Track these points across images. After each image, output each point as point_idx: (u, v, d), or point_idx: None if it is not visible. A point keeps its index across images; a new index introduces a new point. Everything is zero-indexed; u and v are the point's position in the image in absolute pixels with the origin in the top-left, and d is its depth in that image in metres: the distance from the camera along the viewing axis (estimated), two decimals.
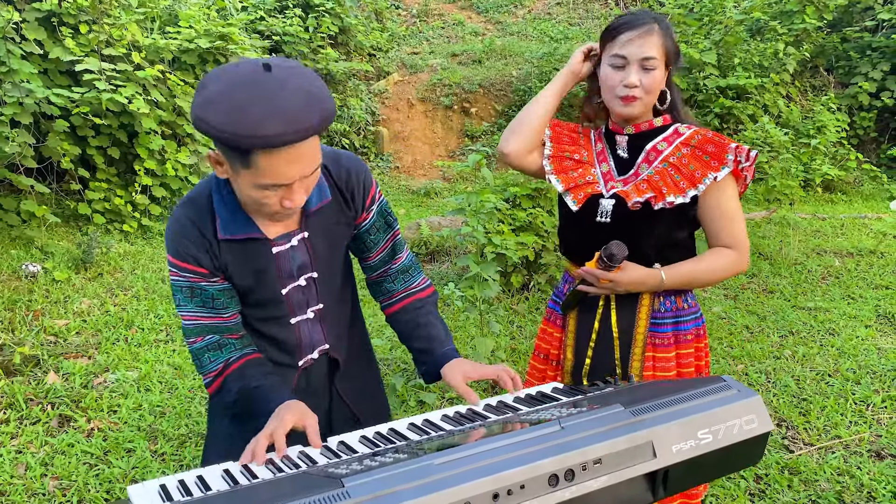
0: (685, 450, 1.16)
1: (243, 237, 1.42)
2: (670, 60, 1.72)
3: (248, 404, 1.43)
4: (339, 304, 1.65)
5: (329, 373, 1.67)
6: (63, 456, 2.87)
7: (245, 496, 1.01)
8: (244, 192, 1.30)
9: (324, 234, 1.53)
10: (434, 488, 0.96)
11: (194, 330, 1.46)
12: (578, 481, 1.06)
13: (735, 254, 1.72)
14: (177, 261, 1.41)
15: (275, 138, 1.17)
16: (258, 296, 1.50)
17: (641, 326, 1.76)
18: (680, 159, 1.71)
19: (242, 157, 1.21)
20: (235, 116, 1.16)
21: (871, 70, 9.04)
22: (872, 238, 6.28)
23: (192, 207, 1.41)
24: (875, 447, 2.97)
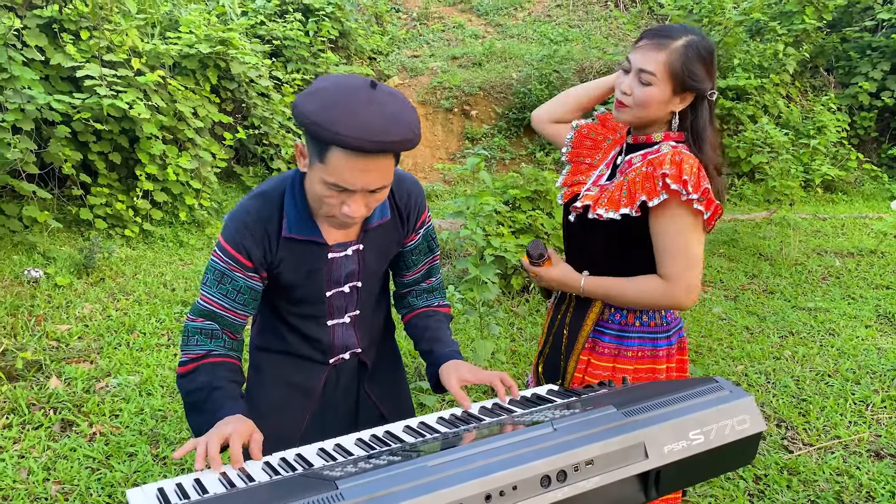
0: (677, 450, 1.18)
1: (305, 238, 1.50)
2: (680, 84, 1.64)
3: (202, 400, 1.47)
4: (375, 312, 1.75)
5: (358, 373, 1.75)
6: (65, 460, 2.89)
7: (241, 498, 1.02)
8: (313, 185, 1.37)
9: (376, 249, 1.62)
10: (427, 490, 0.97)
11: (202, 312, 1.52)
12: (570, 482, 1.07)
13: (665, 285, 1.65)
14: (229, 247, 1.48)
15: (350, 140, 1.25)
16: (302, 294, 1.58)
17: (585, 330, 1.82)
18: (636, 176, 1.67)
19: (321, 150, 1.31)
20: (325, 110, 1.26)
21: (871, 70, 9.05)
22: (873, 238, 6.28)
23: (263, 202, 1.50)
24: (874, 447, 2.98)
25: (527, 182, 4.99)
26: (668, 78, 1.63)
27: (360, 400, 1.76)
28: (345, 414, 1.75)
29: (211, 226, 6.29)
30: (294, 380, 1.68)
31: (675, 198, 1.60)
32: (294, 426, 1.68)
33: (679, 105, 1.69)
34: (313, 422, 1.69)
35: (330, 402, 1.72)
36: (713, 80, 1.68)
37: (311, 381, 1.69)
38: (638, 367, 1.78)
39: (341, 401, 1.72)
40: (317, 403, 1.70)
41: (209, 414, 1.41)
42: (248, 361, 1.80)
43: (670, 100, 1.67)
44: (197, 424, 1.48)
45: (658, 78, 1.63)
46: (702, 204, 1.60)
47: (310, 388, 1.69)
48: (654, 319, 1.79)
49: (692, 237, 1.63)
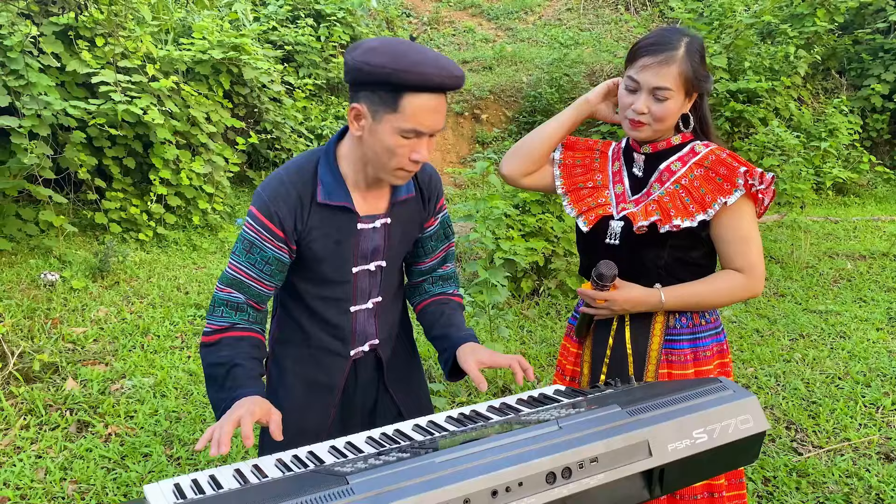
0: (680, 449, 1.20)
1: (338, 204, 1.54)
2: (691, 88, 1.68)
3: (222, 375, 1.50)
4: (394, 300, 1.78)
5: (377, 370, 1.78)
6: (81, 460, 2.94)
7: (255, 493, 1.05)
8: (384, 138, 1.43)
9: (403, 225, 1.67)
10: (435, 485, 1.00)
11: (230, 281, 1.56)
12: (575, 479, 1.10)
13: (744, 277, 1.69)
14: (261, 215, 1.52)
15: (431, 77, 1.36)
16: (330, 271, 1.61)
17: (655, 343, 1.76)
18: (692, 181, 1.69)
19: (394, 98, 1.39)
20: (398, 58, 1.36)
21: (883, 72, 9.01)
22: (885, 241, 6.26)
23: (298, 173, 1.55)
24: (884, 449, 2.98)
25: None
26: (681, 87, 1.66)
27: (378, 397, 1.79)
28: (363, 411, 1.78)
29: (224, 229, 6.36)
30: (316, 378, 1.71)
31: (746, 191, 1.65)
32: (320, 424, 1.71)
33: (688, 106, 1.72)
34: (338, 419, 1.73)
35: (351, 400, 1.76)
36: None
37: (333, 377, 1.72)
38: (714, 364, 1.79)
39: (361, 398, 1.76)
40: (339, 400, 1.73)
41: (227, 391, 1.46)
42: (269, 357, 1.81)
43: (682, 106, 1.70)
44: (215, 399, 1.52)
45: (673, 91, 1.65)
46: (766, 193, 1.66)
47: (332, 386, 1.72)
48: (713, 315, 1.81)
49: (755, 226, 1.70)
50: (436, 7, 12.85)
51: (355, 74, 1.40)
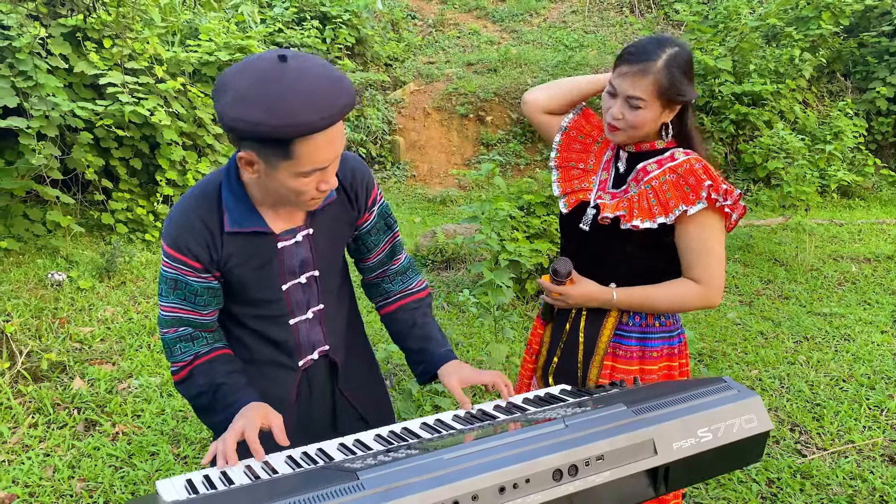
0: (685, 447, 1.21)
1: (250, 230, 1.45)
2: (668, 99, 1.70)
3: (209, 402, 1.47)
4: (338, 304, 1.68)
5: (330, 376, 1.69)
6: (89, 459, 2.96)
7: (266, 488, 1.07)
8: (284, 183, 1.33)
9: (327, 232, 1.56)
10: (444, 481, 1.01)
11: (170, 321, 1.49)
12: (581, 476, 1.11)
13: (700, 288, 1.72)
14: (172, 251, 1.43)
15: (316, 123, 1.23)
16: (257, 292, 1.52)
17: (605, 336, 1.84)
18: (661, 185, 1.73)
19: (283, 148, 1.26)
20: (272, 110, 1.20)
21: (888, 75, 8.99)
22: (890, 244, 6.26)
23: (200, 200, 1.44)
24: (889, 452, 2.99)
25: (541, 187, 5.03)
26: (656, 98, 1.69)
27: (336, 402, 1.71)
28: (323, 419, 1.70)
29: None
30: (266, 390, 1.57)
31: (710, 205, 1.67)
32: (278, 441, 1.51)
33: (669, 116, 1.75)
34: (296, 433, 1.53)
35: (307, 411, 1.67)
36: (693, 85, 1.75)
37: (283, 390, 1.62)
38: (661, 365, 1.84)
39: (318, 407, 1.68)
40: (293, 414, 1.62)
41: (222, 412, 1.43)
42: None
43: (660, 116, 1.73)
44: (213, 423, 1.50)
45: (647, 101, 1.68)
46: (735, 209, 1.69)
47: (283, 399, 1.61)
48: (669, 319, 1.85)
49: (720, 240, 1.72)
50: (441, 9, 12.88)
51: (233, 130, 1.26)
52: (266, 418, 1.36)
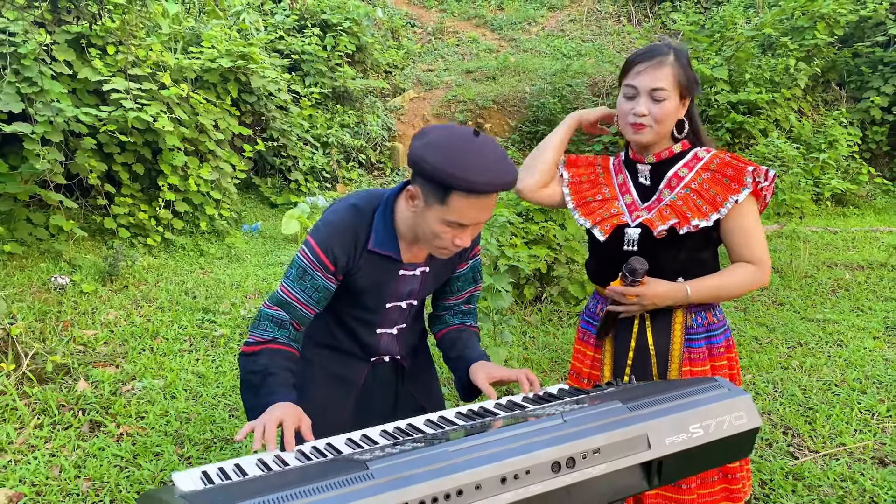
0: (678, 442, 1.27)
1: (385, 254, 1.69)
2: (685, 91, 1.79)
3: (258, 382, 1.62)
4: (415, 324, 1.95)
5: (395, 373, 1.94)
6: (95, 459, 3.01)
7: (279, 478, 1.13)
8: (429, 223, 1.55)
9: (436, 273, 1.81)
10: (449, 472, 1.08)
11: (279, 301, 1.69)
12: (579, 468, 1.17)
13: (756, 268, 1.80)
14: (318, 249, 1.65)
15: (481, 185, 1.44)
16: (368, 301, 1.76)
17: (677, 343, 1.85)
18: (701, 184, 1.80)
19: (443, 194, 1.48)
20: (452, 160, 1.44)
21: (882, 85, 9.11)
22: (884, 251, 6.33)
23: (357, 215, 1.68)
24: (879, 454, 3.05)
25: None
26: (675, 88, 1.78)
27: (398, 396, 1.94)
28: (384, 407, 1.91)
29: (230, 235, 6.44)
30: (338, 372, 1.86)
31: (753, 190, 1.77)
32: (340, 416, 1.84)
33: (682, 112, 1.83)
34: (357, 413, 1.86)
35: (370, 396, 1.90)
36: None
37: (353, 374, 1.87)
38: (728, 357, 1.91)
39: (381, 395, 1.90)
40: (358, 395, 1.87)
41: (261, 397, 1.57)
42: None
43: (677, 110, 1.81)
44: (250, 404, 1.65)
45: (669, 91, 1.77)
46: (768, 190, 1.79)
47: (351, 381, 1.86)
48: (721, 313, 1.92)
49: (759, 221, 1.82)
50: (440, 17, 12.98)
51: (413, 164, 1.50)
52: (300, 419, 1.48)
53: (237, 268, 5.82)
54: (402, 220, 1.67)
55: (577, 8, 13.27)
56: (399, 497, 1.02)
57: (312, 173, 8.22)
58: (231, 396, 3.63)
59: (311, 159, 8.09)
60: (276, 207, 7.88)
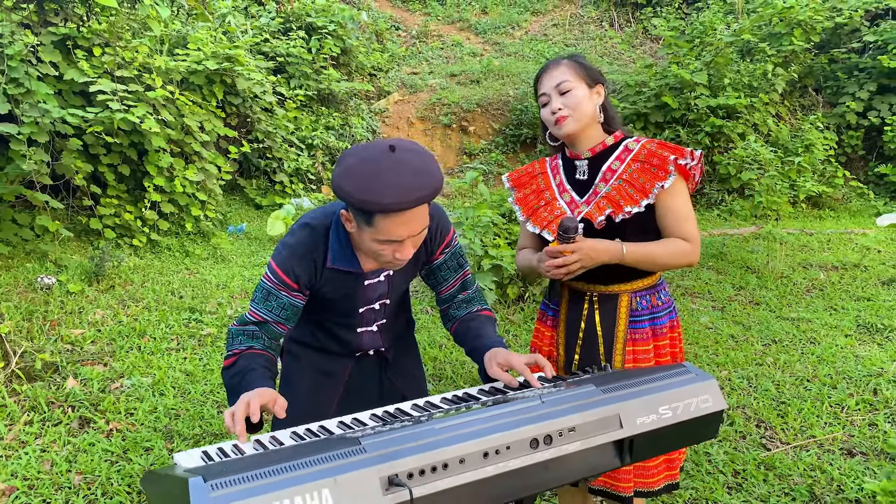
0: (648, 422, 1.37)
1: (345, 269, 1.75)
2: (589, 79, 1.95)
3: (237, 383, 1.68)
4: (398, 316, 2.00)
5: (379, 364, 2.01)
6: (85, 454, 3.06)
7: (275, 455, 1.21)
8: (365, 243, 1.61)
9: (403, 272, 1.87)
10: (435, 446, 1.16)
11: (249, 322, 1.76)
12: (555, 445, 1.26)
13: (688, 245, 1.93)
14: (279, 270, 1.72)
15: (390, 206, 1.48)
16: (339, 309, 1.85)
17: (622, 324, 1.98)
18: (632, 175, 1.93)
19: (367, 218, 1.54)
20: (366, 186, 1.48)
21: (858, 90, 9.31)
22: (857, 252, 6.50)
23: (312, 234, 1.74)
24: (847, 446, 3.17)
25: None
26: (578, 77, 1.94)
27: (383, 385, 2.01)
28: (370, 397, 1.98)
29: (216, 236, 6.48)
30: (323, 367, 1.95)
31: (680, 173, 1.90)
32: (327, 406, 1.93)
33: (598, 98, 1.98)
34: (343, 403, 1.94)
35: (356, 387, 1.97)
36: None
37: (338, 369, 1.95)
38: (671, 336, 2.02)
39: (366, 385, 1.99)
40: (344, 387, 1.96)
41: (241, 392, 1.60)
42: (284, 347, 2.05)
43: (590, 95, 1.96)
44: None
45: (571, 81, 1.93)
46: (696, 170, 1.91)
47: (337, 375, 1.95)
48: (667, 295, 2.04)
49: (690, 203, 1.95)
50: (424, 21, 13.08)
51: (335, 192, 1.54)
52: (272, 400, 1.53)
53: (223, 268, 5.86)
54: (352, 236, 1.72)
55: (560, 13, 13.42)
56: (389, 469, 1.11)
57: (297, 175, 8.27)
58: (219, 393, 3.69)
59: (296, 161, 8.14)
60: (262, 209, 7.93)
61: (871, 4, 9.67)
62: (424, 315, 4.85)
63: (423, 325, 4.64)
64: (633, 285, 1.98)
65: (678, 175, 1.90)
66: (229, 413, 1.46)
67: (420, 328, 4.58)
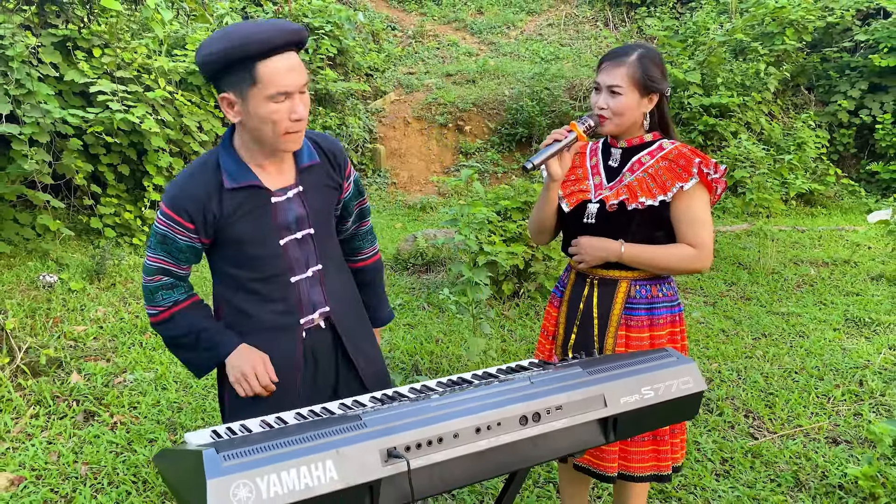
0: (631, 402, 1.45)
1: (246, 184, 1.68)
2: (643, 88, 1.99)
3: (192, 342, 1.73)
4: (337, 271, 1.89)
5: (334, 343, 1.88)
6: (91, 445, 3.14)
7: (280, 432, 1.29)
8: (258, 110, 1.58)
9: (317, 192, 1.80)
10: (431, 422, 1.25)
11: (153, 270, 1.75)
12: (543, 422, 1.35)
13: (695, 252, 2.00)
14: (169, 210, 1.67)
15: (271, 39, 1.53)
16: (256, 248, 1.72)
17: (617, 309, 2.07)
18: (657, 170, 2.01)
19: (249, 72, 1.55)
20: (233, 36, 1.53)
21: (849, 89, 9.41)
22: (847, 249, 6.60)
23: (201, 168, 1.70)
24: (832, 435, 3.26)
25: (517, 194, 5.28)
26: (631, 85, 1.99)
27: (339, 369, 1.89)
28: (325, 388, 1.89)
29: None
30: (273, 356, 1.77)
31: (701, 180, 1.97)
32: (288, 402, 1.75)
33: (649, 106, 2.04)
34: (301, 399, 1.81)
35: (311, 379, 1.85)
36: (667, 80, 2.05)
37: (287, 356, 1.78)
38: (667, 331, 2.09)
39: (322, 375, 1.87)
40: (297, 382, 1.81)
41: (205, 351, 1.72)
42: None
43: (639, 103, 2.02)
44: (192, 358, 1.79)
45: (624, 87, 1.99)
46: (719, 183, 1.99)
47: (289, 365, 1.79)
48: (671, 290, 2.12)
49: (708, 211, 2.02)
50: (420, 21, 13.15)
51: (207, 68, 1.57)
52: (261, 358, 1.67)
53: None
54: (245, 147, 1.69)
55: (555, 12, 13.51)
56: (389, 442, 1.19)
57: None
58: None
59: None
60: None
61: (863, 4, 9.78)
62: (421, 311, 4.93)
63: (420, 320, 4.73)
64: (633, 273, 2.07)
65: (700, 181, 1.97)
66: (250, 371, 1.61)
67: (416, 323, 4.67)
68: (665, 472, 2.10)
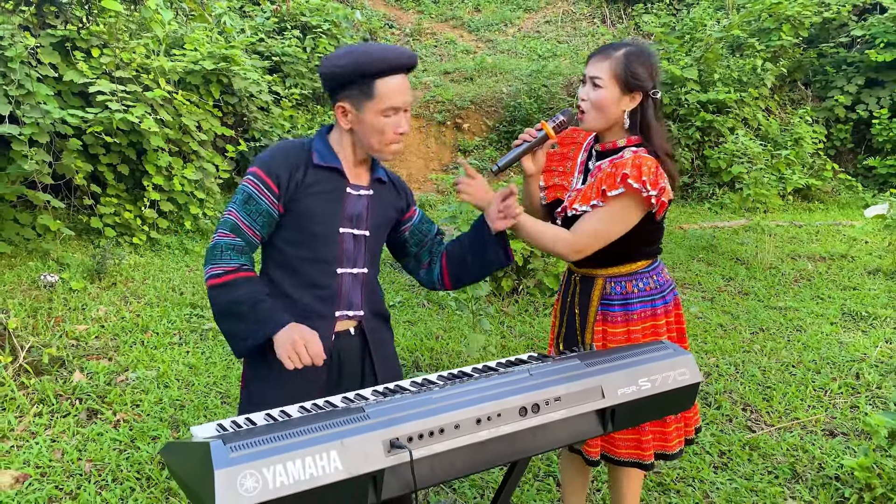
0: (628, 393, 1.48)
1: (332, 166, 1.85)
2: (625, 85, 1.98)
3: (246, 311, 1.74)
4: (374, 285, 1.99)
5: (361, 352, 1.94)
6: (94, 443, 3.16)
7: (285, 424, 1.32)
8: (370, 122, 1.78)
9: (381, 204, 1.96)
10: (433, 413, 1.27)
11: (231, 226, 1.81)
12: (543, 413, 1.38)
13: (569, 237, 2.00)
14: (261, 173, 1.80)
15: (393, 60, 1.74)
16: (319, 226, 1.84)
17: (594, 305, 2.13)
18: (602, 176, 2.02)
19: (368, 87, 1.75)
20: (361, 55, 1.75)
21: (846, 84, 9.45)
22: (844, 244, 6.63)
23: (293, 144, 1.88)
24: (829, 427, 3.29)
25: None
26: (614, 80, 1.99)
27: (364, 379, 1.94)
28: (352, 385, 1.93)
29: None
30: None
31: (631, 193, 1.94)
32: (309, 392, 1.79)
33: (630, 104, 2.02)
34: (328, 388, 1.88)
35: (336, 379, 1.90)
36: (654, 81, 2.02)
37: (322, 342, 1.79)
38: (644, 325, 2.11)
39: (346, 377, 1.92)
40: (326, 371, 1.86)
41: (259, 324, 1.72)
42: None
43: (620, 99, 2.01)
44: (240, 330, 1.75)
45: (605, 80, 1.99)
46: (657, 199, 1.95)
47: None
48: (648, 284, 2.12)
49: (614, 220, 1.98)
50: (418, 19, 13.17)
51: (332, 79, 1.76)
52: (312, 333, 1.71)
53: None
54: (339, 144, 1.87)
55: (552, 10, 13.53)
56: (392, 433, 1.22)
57: None
58: (222, 385, 3.79)
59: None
60: None
61: None
62: (421, 308, 4.96)
63: (420, 317, 4.76)
64: (608, 271, 2.10)
65: (628, 192, 1.93)
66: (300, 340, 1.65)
67: (416, 320, 4.70)
68: (647, 460, 2.10)
